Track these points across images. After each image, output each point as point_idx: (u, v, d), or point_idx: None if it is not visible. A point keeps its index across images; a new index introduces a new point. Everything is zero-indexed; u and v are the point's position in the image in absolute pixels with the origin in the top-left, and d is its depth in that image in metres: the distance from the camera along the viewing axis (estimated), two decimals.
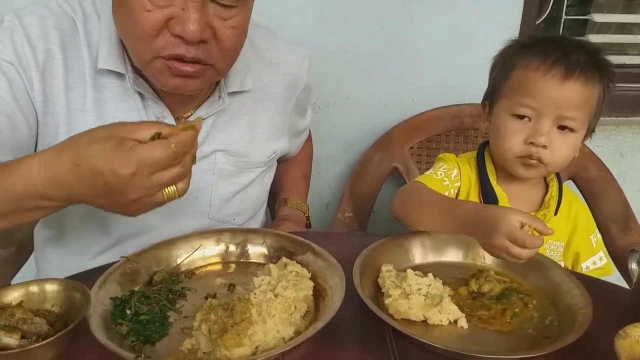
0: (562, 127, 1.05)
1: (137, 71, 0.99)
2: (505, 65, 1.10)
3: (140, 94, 1.00)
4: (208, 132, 1.07)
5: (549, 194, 1.16)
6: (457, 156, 1.22)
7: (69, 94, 0.97)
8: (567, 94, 1.03)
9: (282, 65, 1.16)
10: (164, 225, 1.08)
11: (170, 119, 1.03)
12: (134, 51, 0.91)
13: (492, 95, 1.14)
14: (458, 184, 1.17)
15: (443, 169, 1.16)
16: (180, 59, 0.87)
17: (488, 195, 1.14)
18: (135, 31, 0.86)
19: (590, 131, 1.12)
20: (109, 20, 0.95)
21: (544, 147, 1.04)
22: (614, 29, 1.86)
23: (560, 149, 1.06)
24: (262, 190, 1.22)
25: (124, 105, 1.00)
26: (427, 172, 1.17)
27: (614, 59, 1.82)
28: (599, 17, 1.79)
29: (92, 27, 0.98)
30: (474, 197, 1.17)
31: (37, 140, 1.00)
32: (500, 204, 1.12)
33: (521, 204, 1.13)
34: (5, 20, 0.94)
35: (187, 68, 0.89)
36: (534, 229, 0.88)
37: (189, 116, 1.04)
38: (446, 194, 1.13)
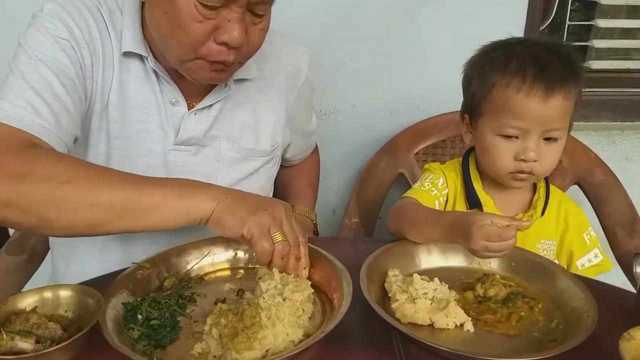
0: (547, 139, 1.08)
1: (156, 57, 1.05)
2: (482, 82, 1.10)
3: (157, 78, 1.07)
4: (215, 117, 1.12)
5: (536, 195, 1.18)
6: (442, 164, 1.26)
7: (104, 73, 1.04)
8: (550, 111, 1.04)
9: (282, 56, 1.21)
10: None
11: (183, 104, 1.09)
12: (177, 54, 0.98)
13: (471, 110, 1.15)
14: (446, 191, 1.21)
15: (429, 180, 1.21)
16: (223, 62, 0.97)
17: (472, 201, 1.17)
18: (186, 38, 0.94)
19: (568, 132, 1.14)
20: (131, 14, 1.04)
21: (534, 161, 1.07)
22: (618, 34, 1.87)
23: (548, 159, 1.09)
24: (266, 182, 1.25)
25: (145, 88, 1.07)
26: (415, 186, 1.21)
27: (619, 64, 1.85)
28: (602, 23, 1.80)
29: (116, 20, 1.05)
30: (461, 202, 1.20)
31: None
32: (485, 208, 1.15)
33: (508, 207, 1.17)
34: (46, 8, 1.00)
35: (225, 67, 0.99)
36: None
37: (199, 102, 1.10)
38: (436, 202, 1.18)
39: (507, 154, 1.08)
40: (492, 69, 1.09)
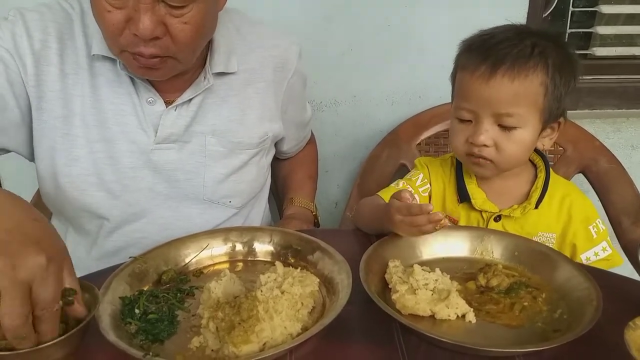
0: (503, 126, 1.02)
1: None
2: (454, 69, 1.10)
3: (132, 79, 1.06)
4: (196, 112, 1.11)
5: (534, 186, 1.14)
6: (434, 157, 1.25)
7: (65, 80, 1.05)
8: (493, 91, 1.00)
9: (269, 48, 1.19)
10: (161, 206, 1.13)
11: (160, 103, 1.08)
12: (107, 44, 1.00)
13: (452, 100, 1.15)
14: (425, 187, 1.20)
15: (408, 177, 1.22)
16: (140, 54, 0.95)
17: (461, 194, 1.16)
18: (103, 29, 0.95)
19: (550, 120, 1.05)
20: None
21: (485, 145, 1.04)
22: (622, 20, 1.84)
23: (506, 147, 1.03)
24: (258, 174, 1.23)
25: (118, 90, 1.07)
26: (392, 184, 1.22)
27: (623, 51, 1.82)
28: (606, 9, 1.77)
29: (89, 20, 1.05)
30: (451, 196, 1.19)
31: (32, 124, 1.06)
32: (474, 201, 1.14)
33: (503, 198, 1.14)
34: (10, 15, 1.04)
35: (147, 60, 0.96)
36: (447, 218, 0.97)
37: (178, 97, 1.09)
38: (416, 197, 1.17)
39: (460, 136, 1.08)
40: (459, 54, 1.09)
